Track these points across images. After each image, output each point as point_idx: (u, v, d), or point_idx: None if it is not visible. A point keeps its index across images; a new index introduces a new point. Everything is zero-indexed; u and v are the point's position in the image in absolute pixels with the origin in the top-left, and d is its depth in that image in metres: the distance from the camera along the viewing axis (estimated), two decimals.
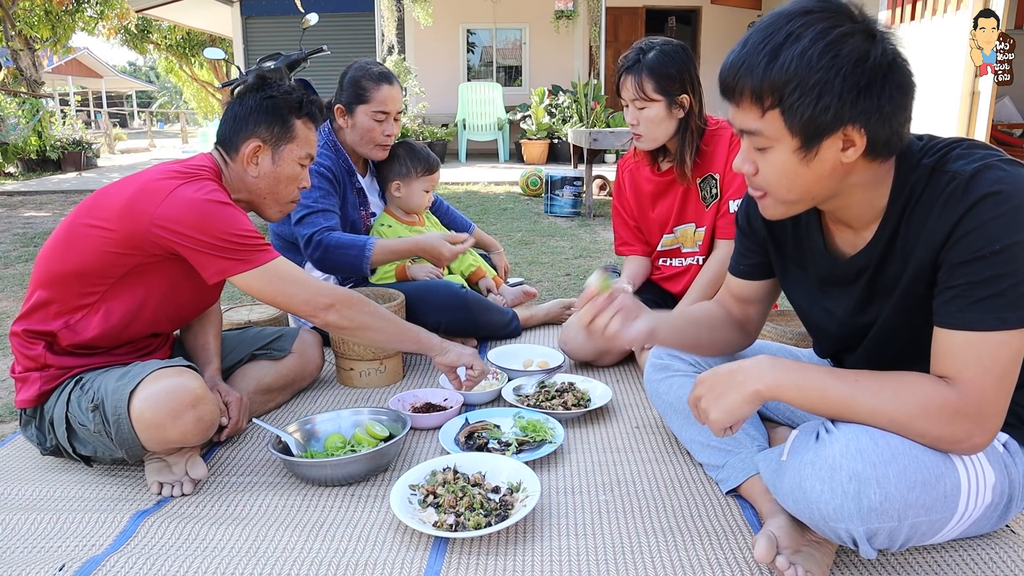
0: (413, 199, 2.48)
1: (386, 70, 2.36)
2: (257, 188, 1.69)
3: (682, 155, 2.07)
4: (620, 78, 2.04)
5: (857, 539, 1.02)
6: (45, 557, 1.28)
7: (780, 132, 1.02)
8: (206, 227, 1.48)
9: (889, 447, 1.00)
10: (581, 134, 5.49)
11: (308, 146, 1.71)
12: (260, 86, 1.70)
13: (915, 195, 1.06)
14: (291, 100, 1.68)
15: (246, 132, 1.65)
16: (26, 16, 9.61)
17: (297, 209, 2.19)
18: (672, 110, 2.02)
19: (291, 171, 1.69)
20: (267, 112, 1.66)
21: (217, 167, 1.66)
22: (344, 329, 1.66)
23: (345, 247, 2.20)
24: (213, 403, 1.48)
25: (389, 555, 1.28)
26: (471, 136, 10.13)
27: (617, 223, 2.36)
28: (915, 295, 1.09)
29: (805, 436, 1.11)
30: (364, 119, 2.31)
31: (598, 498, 1.47)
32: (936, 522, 1.03)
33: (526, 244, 4.43)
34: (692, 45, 12.02)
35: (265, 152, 1.66)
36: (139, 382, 1.42)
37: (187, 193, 1.49)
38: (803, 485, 1.05)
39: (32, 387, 1.55)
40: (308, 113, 1.70)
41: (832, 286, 1.24)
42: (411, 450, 1.71)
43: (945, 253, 1.02)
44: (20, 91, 9.48)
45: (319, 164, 2.26)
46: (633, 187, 2.28)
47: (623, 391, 2.08)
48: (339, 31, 10.93)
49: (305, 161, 1.72)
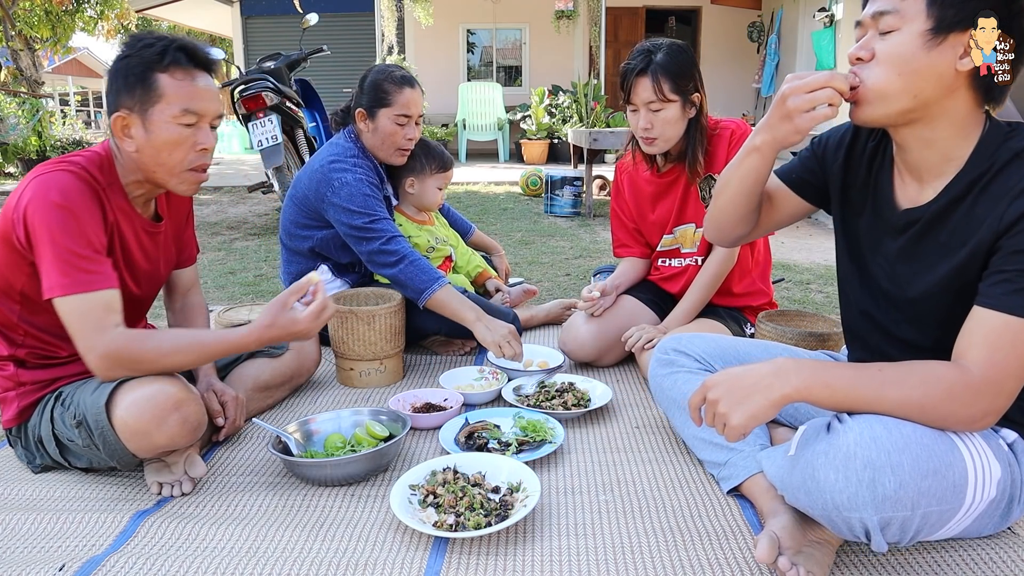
0: (427, 196, 2.48)
1: (408, 74, 2.33)
2: (142, 163, 1.49)
3: (694, 153, 2.06)
4: (629, 82, 1.99)
5: (871, 529, 1.02)
6: (45, 557, 1.28)
7: (917, 12, 1.05)
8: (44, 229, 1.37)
9: (902, 435, 1.01)
10: (581, 134, 5.49)
11: (183, 100, 1.45)
12: (123, 47, 1.47)
13: (992, 171, 1.09)
14: (148, 55, 1.43)
15: (112, 104, 1.46)
16: (26, 16, 9.60)
17: (353, 216, 2.14)
18: (686, 109, 2.01)
19: (168, 135, 1.45)
20: (125, 76, 1.44)
21: (105, 155, 1.52)
22: (133, 372, 1.45)
23: (422, 270, 2.14)
24: (197, 403, 1.46)
25: (389, 555, 1.28)
26: (471, 136, 10.13)
27: (615, 225, 2.35)
28: (965, 277, 1.11)
29: (814, 430, 1.12)
30: (386, 123, 2.27)
31: (598, 498, 1.47)
32: (945, 512, 1.04)
33: (526, 244, 4.43)
34: (692, 45, 11.98)
35: (133, 122, 1.45)
36: (113, 389, 1.41)
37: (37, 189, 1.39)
38: (816, 475, 1.06)
39: (11, 406, 1.55)
40: (173, 61, 1.45)
41: (881, 236, 1.25)
42: (411, 450, 1.71)
43: (1007, 239, 1.05)
44: (20, 91, 9.47)
45: (363, 172, 2.22)
46: (633, 189, 2.27)
47: (623, 391, 2.08)
48: (339, 31, 10.94)
49: (186, 119, 1.46)
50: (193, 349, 1.47)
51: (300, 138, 4.85)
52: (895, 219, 1.22)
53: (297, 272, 2.38)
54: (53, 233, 1.37)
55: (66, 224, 1.38)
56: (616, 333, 2.17)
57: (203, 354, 1.49)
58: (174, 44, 1.46)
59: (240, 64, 11.27)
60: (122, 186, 1.53)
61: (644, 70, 1.96)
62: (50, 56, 12.28)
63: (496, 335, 2.08)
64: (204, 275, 3.71)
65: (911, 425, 1.04)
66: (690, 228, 2.18)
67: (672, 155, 2.12)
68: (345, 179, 2.18)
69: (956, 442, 1.05)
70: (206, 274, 3.74)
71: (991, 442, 1.10)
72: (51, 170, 1.42)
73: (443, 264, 2.54)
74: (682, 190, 2.15)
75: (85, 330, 1.38)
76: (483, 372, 2.15)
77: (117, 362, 1.39)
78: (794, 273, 3.62)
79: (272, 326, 1.48)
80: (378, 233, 2.15)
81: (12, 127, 8.79)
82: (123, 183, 1.53)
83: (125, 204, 1.54)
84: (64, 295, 1.37)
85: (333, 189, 2.18)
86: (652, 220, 2.25)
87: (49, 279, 1.37)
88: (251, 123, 4.45)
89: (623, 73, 2.02)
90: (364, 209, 2.16)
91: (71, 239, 1.38)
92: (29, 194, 1.39)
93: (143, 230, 1.59)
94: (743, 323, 2.20)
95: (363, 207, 2.16)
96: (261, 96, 4.43)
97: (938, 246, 1.15)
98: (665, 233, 2.23)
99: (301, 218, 2.31)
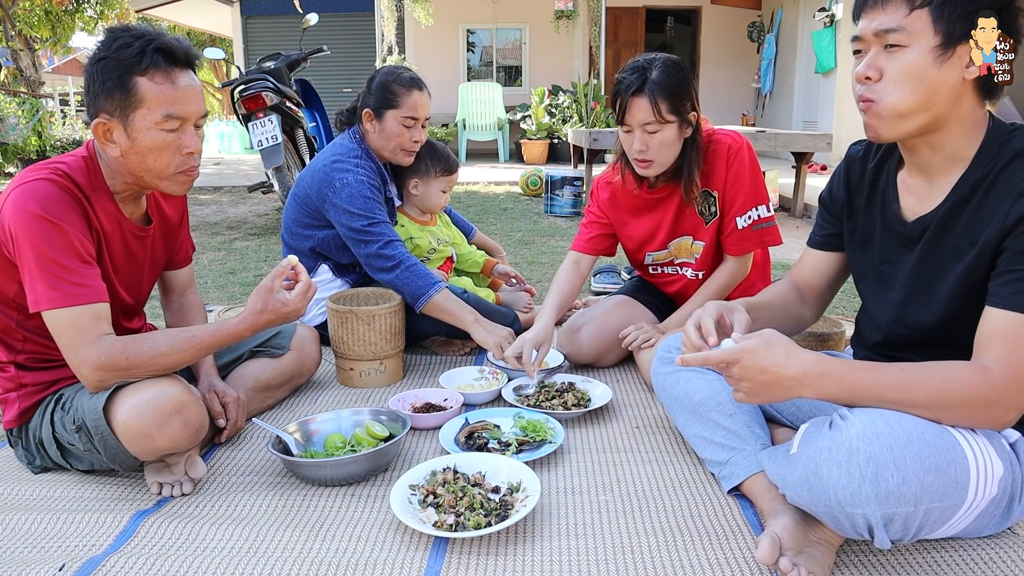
0: (430, 198, 2.48)
1: (416, 76, 2.32)
2: (129, 167, 1.46)
3: (690, 174, 1.97)
4: (623, 101, 1.87)
5: (874, 525, 1.02)
6: (45, 557, 1.28)
7: (924, 29, 1.07)
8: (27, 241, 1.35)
9: (904, 431, 1.02)
10: (581, 134, 5.49)
11: (165, 105, 1.40)
12: (99, 47, 1.41)
13: (995, 170, 1.12)
14: (126, 57, 1.37)
15: (91, 109, 1.42)
16: (26, 16, 9.61)
17: (353, 217, 2.14)
18: (683, 129, 1.91)
19: (152, 141, 1.41)
20: (102, 80, 1.38)
21: (90, 157, 1.49)
22: (130, 376, 1.43)
23: (419, 275, 2.14)
24: (199, 406, 1.45)
25: (389, 555, 1.28)
26: (471, 136, 10.13)
27: (584, 223, 2.26)
28: (976, 277, 1.14)
29: (816, 427, 1.13)
30: (393, 124, 2.27)
31: (598, 498, 1.47)
32: (948, 509, 1.04)
33: (526, 244, 4.43)
34: (692, 45, 12.03)
35: (115, 127, 1.41)
36: (113, 392, 1.40)
37: (17, 200, 1.36)
38: (819, 471, 1.06)
39: (12, 407, 1.55)
40: (152, 64, 1.39)
41: (898, 249, 1.28)
42: (411, 450, 1.71)
43: (1012, 239, 1.07)
44: (20, 91, 9.48)
45: (365, 173, 2.22)
46: (612, 203, 2.19)
47: (623, 391, 2.08)
48: (339, 31, 10.94)
49: (169, 124, 1.42)
50: (189, 346, 1.46)
51: (300, 138, 4.85)
52: (907, 231, 1.25)
53: None
54: (37, 246, 1.35)
55: (50, 236, 1.36)
56: (615, 334, 2.17)
57: (199, 350, 1.48)
58: (152, 44, 1.39)
59: (240, 64, 11.26)
60: (108, 189, 1.51)
61: (640, 89, 1.84)
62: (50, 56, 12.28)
63: (495, 336, 2.07)
64: (204, 275, 3.72)
65: (913, 420, 1.05)
66: (686, 240, 2.13)
67: (666, 173, 2.02)
68: (347, 180, 2.18)
69: (958, 439, 1.06)
70: (206, 274, 3.74)
71: (993, 440, 1.11)
72: (32, 179, 1.40)
73: (444, 265, 2.54)
74: (676, 206, 2.08)
75: (76, 343, 1.37)
76: (483, 372, 2.15)
77: (112, 370, 1.39)
78: None
79: (264, 311, 1.49)
80: (376, 237, 2.15)
81: (12, 127, 8.78)
82: (109, 185, 1.51)
83: (112, 207, 1.52)
84: (52, 308, 1.36)
85: (334, 189, 2.18)
86: (634, 232, 2.18)
87: (35, 292, 1.36)
88: (251, 123, 4.45)
89: (616, 91, 1.90)
90: (363, 211, 2.16)
91: (56, 251, 1.36)
92: (10, 206, 1.37)
93: (131, 234, 1.58)
94: None
95: (363, 209, 2.16)
96: (261, 96, 4.43)
97: (950, 248, 1.18)
98: (658, 249, 2.17)
99: (303, 217, 2.32)
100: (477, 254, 2.70)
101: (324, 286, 2.38)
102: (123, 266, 1.58)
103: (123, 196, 1.55)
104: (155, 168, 1.45)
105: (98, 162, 1.50)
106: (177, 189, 1.52)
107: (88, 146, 1.51)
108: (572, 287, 2.20)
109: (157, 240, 1.69)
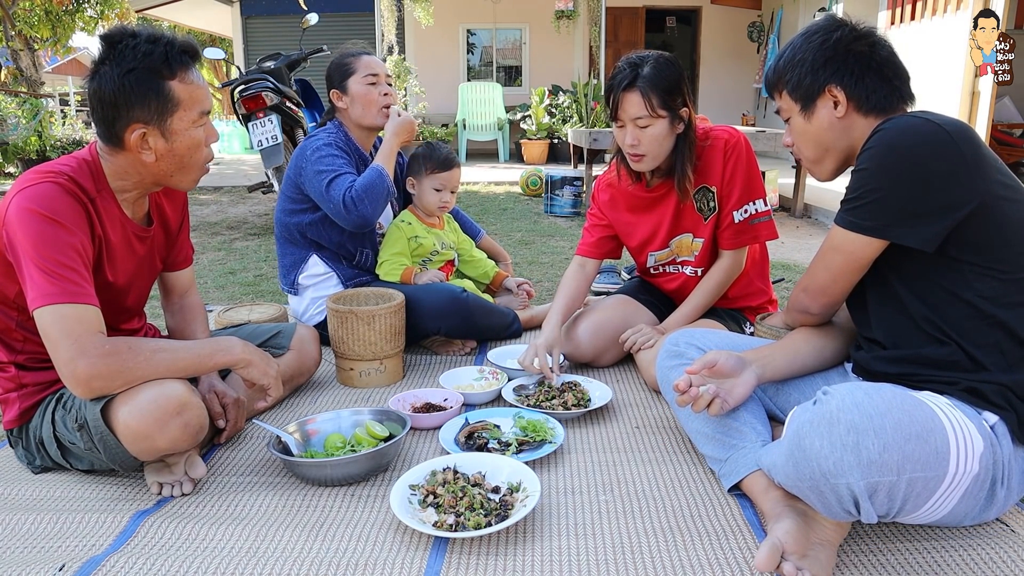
0: (424, 197, 2.49)
1: (362, 47, 2.46)
2: (160, 170, 1.49)
3: (683, 170, 1.98)
4: (615, 97, 1.90)
5: (858, 496, 1.05)
6: (45, 557, 1.28)
7: (790, 104, 1.43)
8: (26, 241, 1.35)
9: (883, 400, 1.06)
10: (581, 134, 5.49)
11: (197, 103, 1.46)
12: (109, 56, 1.41)
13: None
14: (154, 63, 1.40)
15: (123, 119, 1.42)
16: (26, 16, 9.60)
17: (320, 176, 2.22)
18: (674, 125, 1.93)
19: (190, 140, 1.48)
20: (134, 89, 1.40)
21: (93, 160, 1.50)
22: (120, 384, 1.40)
23: (372, 183, 2.22)
24: (199, 407, 1.45)
25: (389, 555, 1.28)
26: (471, 136, 10.13)
27: (587, 227, 2.28)
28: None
29: (802, 408, 1.16)
30: (358, 87, 2.36)
31: (598, 498, 1.48)
32: (931, 480, 1.06)
33: (526, 244, 4.43)
34: (692, 45, 12.03)
35: (153, 134, 1.44)
36: (110, 395, 1.40)
37: (22, 201, 1.37)
38: (802, 443, 1.09)
39: (13, 407, 1.55)
40: (180, 64, 1.43)
41: None
42: (411, 450, 1.71)
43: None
44: (20, 91, 9.47)
45: (333, 139, 2.33)
46: (612, 204, 2.21)
47: (623, 391, 2.08)
48: (339, 31, 10.92)
49: (202, 121, 1.49)
50: (174, 370, 1.43)
51: (300, 138, 4.84)
52: None
53: (291, 264, 2.42)
54: (37, 244, 1.35)
55: (51, 235, 1.36)
56: (613, 333, 2.17)
57: (184, 373, 1.46)
58: (174, 47, 1.43)
59: (240, 64, 11.27)
60: (112, 191, 1.52)
61: (631, 84, 1.88)
62: (50, 56, 12.28)
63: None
64: (204, 275, 3.72)
65: (892, 390, 1.09)
66: (687, 238, 2.14)
67: (662, 170, 2.05)
68: (316, 145, 2.30)
69: (936, 411, 1.09)
70: (206, 274, 3.75)
71: (973, 419, 1.14)
72: (37, 181, 1.40)
73: (444, 267, 2.55)
74: (674, 204, 2.09)
75: (68, 339, 1.33)
76: (483, 372, 2.15)
77: (104, 375, 1.35)
78: (794, 273, 3.62)
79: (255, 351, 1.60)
80: (338, 184, 2.21)
81: (12, 127, 8.78)
82: (113, 188, 1.52)
83: (115, 209, 1.53)
84: (50, 304, 1.34)
85: (306, 157, 2.28)
86: (635, 233, 2.19)
87: (35, 289, 1.35)
88: (251, 123, 4.45)
89: (608, 88, 1.93)
90: (329, 168, 2.24)
91: (57, 250, 1.36)
92: (14, 209, 1.37)
93: (133, 235, 1.59)
94: (743, 323, 2.19)
95: (329, 166, 2.24)
96: (261, 96, 4.43)
97: None
98: (660, 248, 2.18)
99: (290, 199, 2.38)
100: (488, 264, 2.71)
101: (318, 283, 2.40)
102: (125, 266, 1.58)
103: (127, 197, 1.55)
104: (192, 164, 1.52)
105: (101, 164, 1.51)
106: (192, 184, 1.57)
107: (90, 148, 1.52)
108: (578, 291, 2.22)
109: (158, 240, 1.70)
